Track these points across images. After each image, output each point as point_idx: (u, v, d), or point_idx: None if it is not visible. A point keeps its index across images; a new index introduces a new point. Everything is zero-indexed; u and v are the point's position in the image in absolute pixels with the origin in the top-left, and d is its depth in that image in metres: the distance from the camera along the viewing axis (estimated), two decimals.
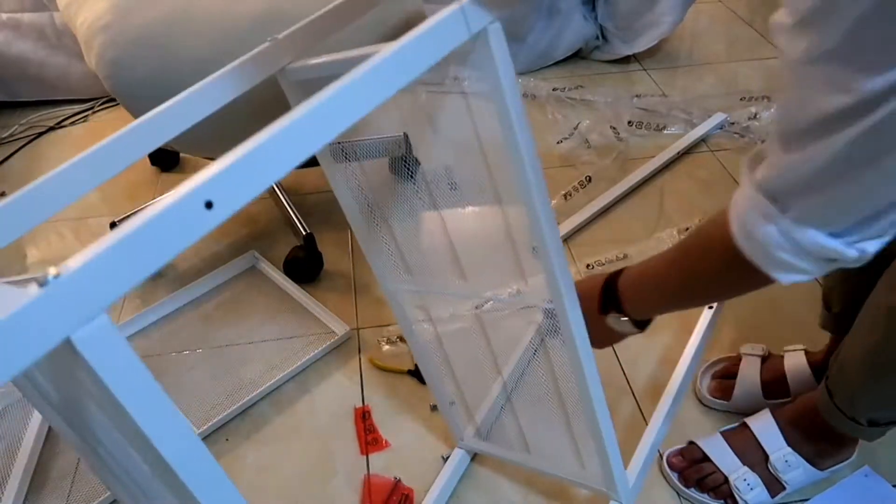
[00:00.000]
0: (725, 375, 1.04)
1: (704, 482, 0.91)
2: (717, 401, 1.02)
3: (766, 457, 0.89)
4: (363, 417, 1.03)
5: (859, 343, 0.78)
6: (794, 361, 1.01)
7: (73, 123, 1.73)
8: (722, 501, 0.90)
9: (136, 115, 1.06)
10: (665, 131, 1.61)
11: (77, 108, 1.77)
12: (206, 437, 1.02)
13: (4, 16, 1.66)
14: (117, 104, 1.77)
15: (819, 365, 1.00)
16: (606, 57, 1.89)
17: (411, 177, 0.57)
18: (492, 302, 0.72)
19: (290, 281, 1.26)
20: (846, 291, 0.93)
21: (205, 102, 0.57)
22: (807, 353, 1.02)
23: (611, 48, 1.88)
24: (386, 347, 1.14)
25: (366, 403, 1.06)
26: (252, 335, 1.18)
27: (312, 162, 1.64)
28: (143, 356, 1.14)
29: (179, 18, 1.01)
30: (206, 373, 1.11)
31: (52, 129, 1.71)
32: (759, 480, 0.89)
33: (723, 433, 0.94)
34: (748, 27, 2.05)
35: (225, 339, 1.17)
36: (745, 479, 0.89)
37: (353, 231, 0.70)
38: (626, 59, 1.88)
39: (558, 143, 1.59)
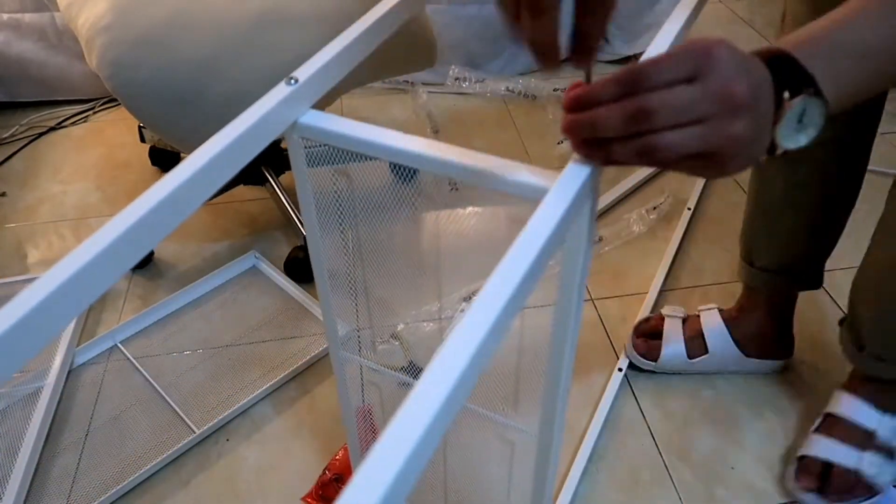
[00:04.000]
0: (651, 333, 1.09)
1: (851, 491, 0.89)
2: (647, 361, 1.07)
3: (870, 433, 0.89)
4: (364, 418, 1.03)
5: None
6: (710, 319, 1.07)
7: (73, 124, 1.73)
8: (867, 497, 0.89)
9: (137, 115, 1.07)
10: None
11: (78, 108, 1.77)
12: (207, 438, 1.02)
13: (5, 16, 1.66)
14: (118, 104, 1.77)
15: (732, 320, 1.06)
16: (607, 57, 1.89)
17: (412, 177, 0.56)
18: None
19: (290, 281, 1.26)
20: (774, 245, 0.98)
21: (217, 173, 0.44)
22: (720, 310, 1.08)
23: (611, 49, 1.88)
24: (380, 346, 1.14)
25: (367, 403, 1.06)
26: (252, 335, 1.18)
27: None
28: (143, 356, 1.14)
29: (180, 19, 1.01)
30: (207, 373, 1.11)
31: (52, 129, 1.71)
32: (879, 457, 0.88)
33: (818, 431, 0.94)
34: (748, 27, 2.05)
35: (225, 339, 1.17)
36: (870, 463, 0.88)
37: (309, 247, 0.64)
38: (626, 60, 1.88)
39: (559, 143, 1.59)
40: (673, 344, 1.06)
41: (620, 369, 1.09)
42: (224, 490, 0.96)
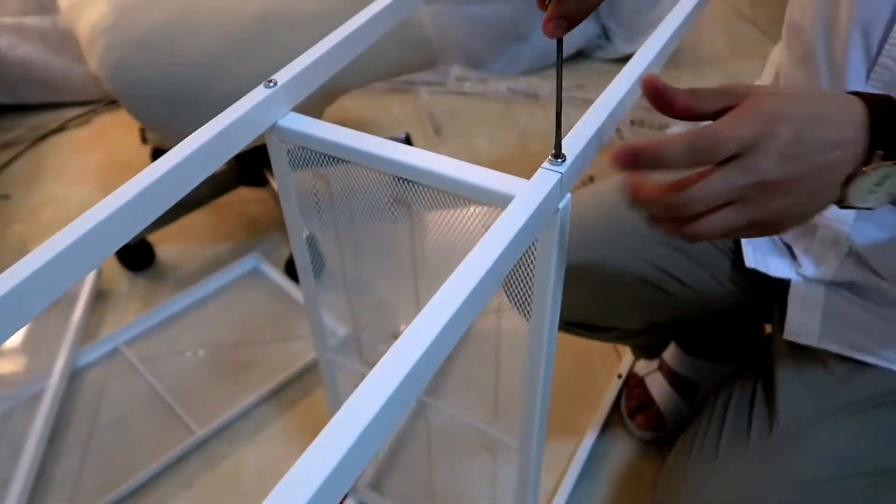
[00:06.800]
0: (642, 406, 1.02)
1: None
2: (658, 432, 1.01)
3: None
4: None
5: None
6: (674, 355, 1.02)
7: (76, 126, 1.73)
8: None
9: (138, 117, 1.07)
10: (668, 130, 1.61)
11: (80, 110, 1.77)
12: (209, 439, 1.02)
13: (8, 19, 1.67)
14: (120, 106, 1.77)
15: (685, 344, 1.01)
16: (609, 56, 1.88)
17: (401, 180, 0.56)
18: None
19: (291, 282, 1.26)
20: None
21: (194, 170, 0.45)
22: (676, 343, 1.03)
23: (613, 47, 1.87)
24: (381, 347, 1.13)
25: None
26: (254, 337, 1.18)
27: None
28: (145, 358, 1.14)
29: (181, 21, 1.01)
30: (209, 375, 1.11)
31: (55, 131, 1.71)
32: None
33: None
34: (751, 25, 2.04)
35: (227, 341, 1.17)
36: None
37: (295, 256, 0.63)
38: (628, 58, 1.87)
39: None
40: (668, 401, 1.00)
41: (620, 375, 1.08)
42: (227, 492, 0.96)
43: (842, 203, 0.42)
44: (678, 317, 0.83)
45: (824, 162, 0.40)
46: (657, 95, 0.42)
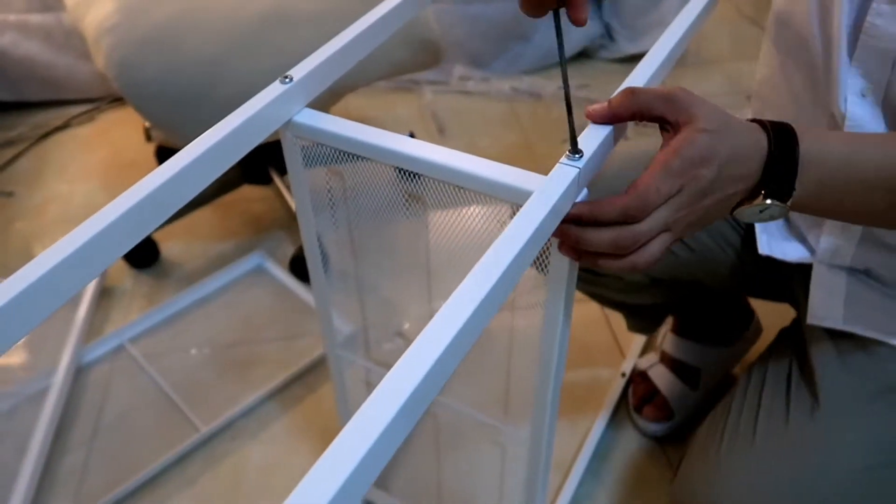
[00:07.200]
0: (647, 396, 1.02)
1: None
2: (667, 423, 1.01)
3: None
4: None
5: None
6: (671, 342, 1.03)
7: (80, 123, 1.73)
8: None
9: (143, 114, 1.07)
10: None
11: (84, 107, 1.77)
12: (213, 437, 1.03)
13: (12, 17, 1.67)
14: (124, 104, 1.77)
15: (681, 329, 1.03)
16: (613, 56, 1.88)
17: (416, 176, 0.56)
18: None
19: (295, 280, 1.26)
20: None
21: (208, 168, 0.46)
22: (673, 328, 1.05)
23: (617, 47, 1.88)
24: (386, 346, 1.14)
25: None
26: (258, 335, 1.18)
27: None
28: (149, 355, 1.15)
29: (187, 18, 1.02)
30: (213, 372, 1.12)
31: (59, 129, 1.71)
32: None
33: None
34: (754, 25, 2.04)
35: (231, 338, 1.17)
36: None
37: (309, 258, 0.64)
38: (631, 58, 1.88)
39: (564, 141, 1.59)
40: (673, 388, 1.01)
41: (623, 374, 1.08)
42: (230, 489, 0.97)
43: (733, 218, 0.50)
44: (679, 278, 0.83)
45: (729, 194, 0.47)
46: (608, 122, 0.49)
